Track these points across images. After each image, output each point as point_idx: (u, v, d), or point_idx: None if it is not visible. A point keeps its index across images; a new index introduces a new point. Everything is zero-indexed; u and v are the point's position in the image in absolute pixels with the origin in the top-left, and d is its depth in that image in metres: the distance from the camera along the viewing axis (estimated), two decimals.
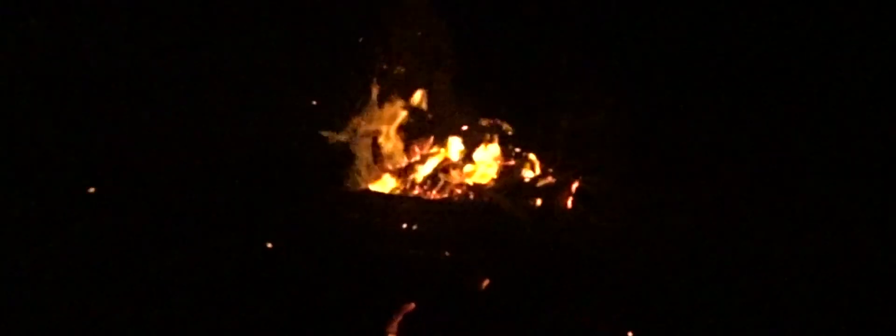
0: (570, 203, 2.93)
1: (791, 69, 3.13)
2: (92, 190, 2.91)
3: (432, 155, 3.23)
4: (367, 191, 3.03)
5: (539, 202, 2.89)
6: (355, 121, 3.29)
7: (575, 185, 3.00)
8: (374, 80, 3.31)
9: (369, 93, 3.32)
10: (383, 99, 3.32)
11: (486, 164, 3.18)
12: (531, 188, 3.00)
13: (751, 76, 3.14)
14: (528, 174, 3.15)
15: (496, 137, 3.28)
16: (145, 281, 2.62)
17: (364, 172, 3.15)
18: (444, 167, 3.18)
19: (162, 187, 3.03)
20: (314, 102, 3.27)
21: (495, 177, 3.14)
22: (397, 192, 3.07)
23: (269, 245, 2.72)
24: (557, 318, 2.45)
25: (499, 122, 3.31)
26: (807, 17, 3.07)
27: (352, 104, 3.32)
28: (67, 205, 2.93)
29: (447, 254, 2.74)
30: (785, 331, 2.39)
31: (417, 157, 3.25)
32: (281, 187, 3.06)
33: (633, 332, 2.37)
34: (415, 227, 2.79)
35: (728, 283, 2.56)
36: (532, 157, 3.20)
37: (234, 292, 2.58)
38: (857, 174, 2.89)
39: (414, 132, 3.35)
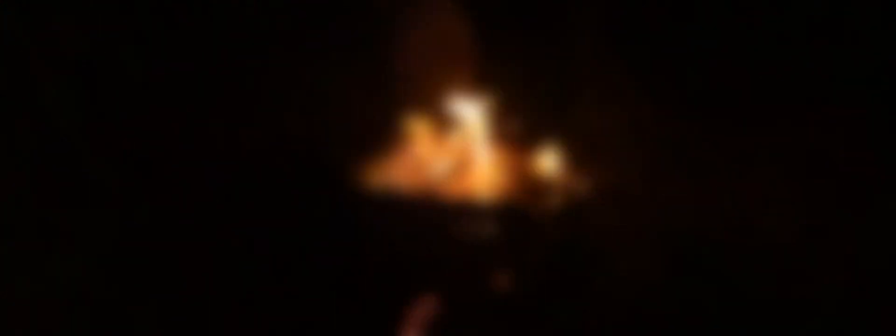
0: (591, 201, 2.91)
1: (820, 65, 3.09)
2: None
3: (452, 154, 3.23)
4: (387, 190, 3.04)
5: (559, 200, 2.88)
6: (375, 118, 3.30)
7: (597, 183, 2.98)
8: (393, 78, 3.31)
9: (389, 92, 3.32)
10: (403, 98, 3.32)
11: (506, 162, 3.17)
12: (552, 186, 2.99)
13: (777, 71, 3.10)
14: (548, 172, 3.13)
15: (516, 135, 3.26)
16: (168, 279, 2.66)
17: (384, 171, 3.15)
18: (464, 165, 3.18)
19: (184, 185, 3.07)
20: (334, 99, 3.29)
21: (515, 175, 3.13)
22: (416, 191, 3.07)
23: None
24: (578, 318, 2.44)
25: (519, 119, 3.29)
26: (836, 16, 3.03)
27: (371, 102, 3.32)
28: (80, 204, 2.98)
29: (467, 253, 2.74)
30: (808, 329, 2.37)
31: (437, 156, 3.25)
32: (301, 186, 3.08)
33: (654, 331, 2.36)
34: (434, 227, 2.80)
35: (753, 283, 2.54)
36: (552, 154, 3.18)
37: (252, 290, 2.61)
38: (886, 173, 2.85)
39: (434, 131, 3.34)
